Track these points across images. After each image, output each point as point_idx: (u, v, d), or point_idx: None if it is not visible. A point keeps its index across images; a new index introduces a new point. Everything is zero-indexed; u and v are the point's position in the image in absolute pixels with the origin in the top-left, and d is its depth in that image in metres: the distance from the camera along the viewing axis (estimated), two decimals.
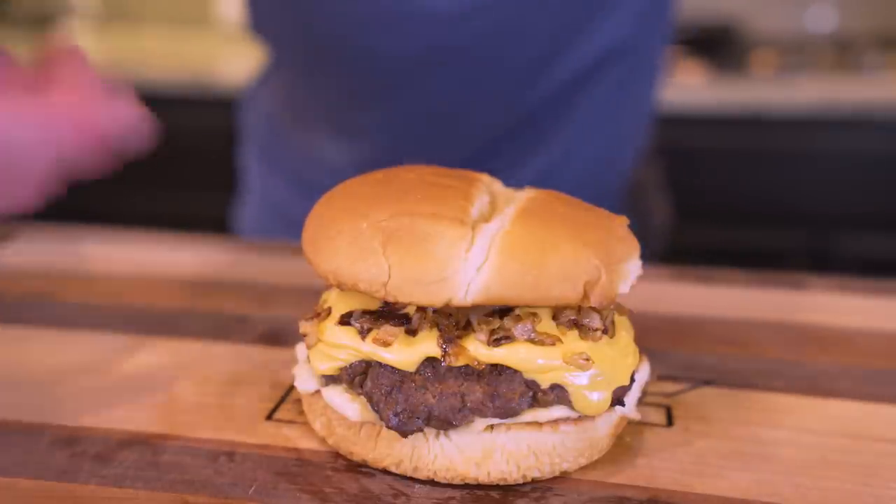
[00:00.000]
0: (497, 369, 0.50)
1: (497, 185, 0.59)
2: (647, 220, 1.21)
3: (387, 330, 0.50)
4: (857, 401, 0.63)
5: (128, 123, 0.63)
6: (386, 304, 0.52)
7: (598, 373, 0.51)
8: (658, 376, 0.65)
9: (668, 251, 1.25)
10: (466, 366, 0.50)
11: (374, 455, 0.52)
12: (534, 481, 0.52)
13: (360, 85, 1.01)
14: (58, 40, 0.71)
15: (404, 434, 0.50)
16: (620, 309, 0.57)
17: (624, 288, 0.52)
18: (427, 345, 0.50)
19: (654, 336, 0.72)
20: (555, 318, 0.52)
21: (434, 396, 0.50)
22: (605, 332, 0.53)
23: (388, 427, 0.50)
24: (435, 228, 0.49)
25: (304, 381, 0.57)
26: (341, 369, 0.53)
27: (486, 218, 0.53)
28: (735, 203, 2.24)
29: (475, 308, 0.51)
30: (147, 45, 2.97)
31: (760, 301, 0.81)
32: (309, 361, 0.55)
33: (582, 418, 0.52)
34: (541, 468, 0.52)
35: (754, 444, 0.57)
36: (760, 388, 0.64)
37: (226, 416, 0.59)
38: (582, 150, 1.07)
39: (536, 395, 0.51)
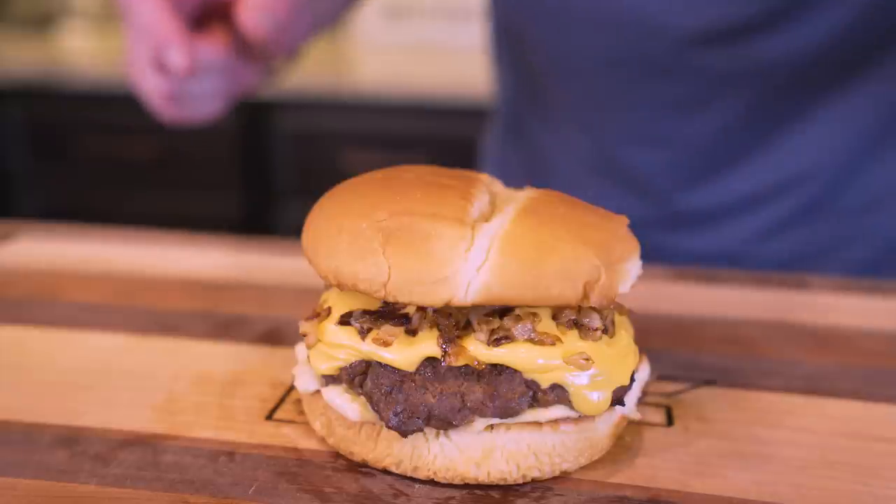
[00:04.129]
0: (497, 369, 0.50)
1: (497, 185, 0.59)
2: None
3: (387, 330, 0.50)
4: (857, 401, 0.63)
5: None
6: (386, 304, 0.52)
7: (598, 372, 0.51)
8: (658, 376, 0.65)
9: None
10: (466, 366, 0.50)
11: (374, 455, 0.52)
12: (534, 481, 0.52)
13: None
14: None
15: (404, 434, 0.50)
16: (620, 309, 0.57)
17: (624, 288, 0.52)
18: (427, 345, 0.50)
19: (654, 336, 0.72)
20: (555, 317, 0.52)
21: (434, 396, 0.50)
22: (605, 331, 0.53)
23: (388, 427, 0.50)
24: (435, 228, 0.49)
25: (304, 381, 0.57)
26: (341, 369, 0.53)
27: (486, 218, 0.53)
28: None
29: (475, 308, 0.51)
30: None
31: (760, 301, 0.81)
32: (309, 361, 0.55)
33: (582, 418, 0.52)
34: (541, 468, 0.52)
35: (754, 444, 0.57)
36: (760, 388, 0.64)
37: (226, 416, 0.59)
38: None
39: (536, 394, 0.51)
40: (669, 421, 0.59)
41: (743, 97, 0.93)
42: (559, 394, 0.51)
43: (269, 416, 0.59)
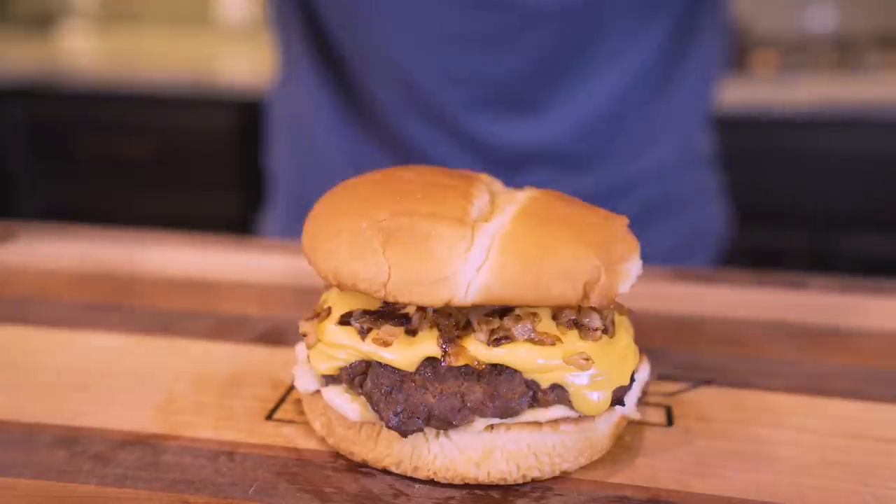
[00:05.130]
0: (497, 369, 0.50)
1: (497, 185, 0.59)
2: (703, 227, 1.19)
3: (387, 330, 0.50)
4: (857, 401, 0.63)
5: None
6: (386, 303, 0.52)
7: (598, 372, 0.51)
8: (658, 376, 0.65)
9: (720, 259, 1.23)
10: (466, 366, 0.50)
11: (374, 455, 0.52)
12: (534, 481, 0.52)
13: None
14: None
15: (404, 434, 0.50)
16: (620, 309, 0.57)
17: (624, 288, 0.52)
18: (427, 345, 0.50)
19: (654, 336, 0.72)
20: (555, 318, 0.52)
21: (434, 396, 0.50)
22: (605, 331, 0.53)
23: (388, 427, 0.50)
24: (435, 228, 0.49)
25: (304, 381, 0.57)
26: (341, 369, 0.53)
27: (485, 218, 0.53)
28: (735, 203, 2.24)
29: (475, 308, 0.51)
30: (147, 45, 2.97)
31: (760, 301, 0.81)
32: (309, 361, 0.55)
33: (582, 418, 0.52)
34: (541, 468, 0.52)
35: (754, 444, 0.57)
36: (760, 388, 0.64)
37: (226, 416, 0.59)
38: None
39: (536, 394, 0.51)
40: (669, 421, 0.59)
41: (546, 38, 0.97)
42: (559, 394, 0.51)
43: (269, 416, 0.59)
